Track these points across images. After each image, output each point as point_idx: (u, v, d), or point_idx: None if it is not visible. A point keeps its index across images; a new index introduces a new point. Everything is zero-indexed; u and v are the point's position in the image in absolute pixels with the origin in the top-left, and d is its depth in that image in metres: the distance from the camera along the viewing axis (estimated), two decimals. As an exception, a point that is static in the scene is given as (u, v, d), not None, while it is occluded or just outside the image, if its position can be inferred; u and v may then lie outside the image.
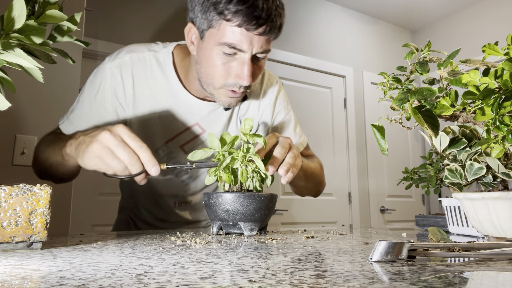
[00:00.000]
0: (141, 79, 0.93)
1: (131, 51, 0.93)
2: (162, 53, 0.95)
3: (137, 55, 0.93)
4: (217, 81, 0.85)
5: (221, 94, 0.87)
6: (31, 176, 1.03)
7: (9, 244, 0.47)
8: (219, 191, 0.72)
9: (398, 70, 0.57)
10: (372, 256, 0.39)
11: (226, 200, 0.70)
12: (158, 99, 0.94)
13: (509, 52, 0.45)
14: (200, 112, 0.96)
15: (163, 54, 0.95)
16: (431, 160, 0.77)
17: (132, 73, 0.92)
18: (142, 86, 0.93)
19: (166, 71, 0.94)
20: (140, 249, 0.49)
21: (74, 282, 0.29)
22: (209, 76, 0.85)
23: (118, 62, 0.92)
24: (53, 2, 0.51)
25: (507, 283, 0.30)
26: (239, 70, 0.82)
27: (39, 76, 0.51)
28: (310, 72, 3.13)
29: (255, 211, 0.70)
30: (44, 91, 1.62)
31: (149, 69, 0.94)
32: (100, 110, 0.92)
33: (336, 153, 3.15)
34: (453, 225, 0.79)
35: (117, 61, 0.92)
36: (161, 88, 0.94)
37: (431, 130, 0.50)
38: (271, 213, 0.75)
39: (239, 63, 0.82)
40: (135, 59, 0.93)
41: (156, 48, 0.96)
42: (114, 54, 0.94)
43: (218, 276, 0.31)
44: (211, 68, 0.84)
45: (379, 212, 3.31)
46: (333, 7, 3.36)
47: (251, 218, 0.70)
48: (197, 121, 0.97)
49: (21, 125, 1.58)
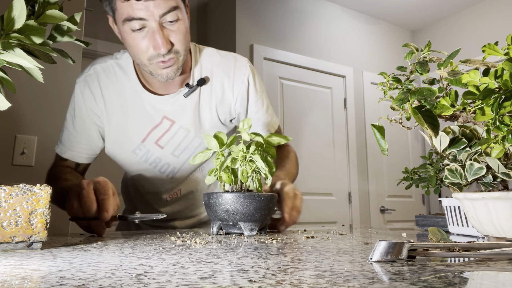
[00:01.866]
0: (108, 87, 1.00)
1: (94, 63, 1.02)
2: (123, 58, 1.02)
3: (100, 65, 1.01)
4: (143, 58, 0.88)
5: (156, 69, 0.90)
6: (31, 176, 1.04)
7: (9, 244, 0.47)
8: (218, 191, 0.72)
9: (398, 70, 0.57)
10: (372, 256, 0.39)
11: (226, 200, 0.70)
12: (126, 102, 1.00)
13: (509, 52, 0.45)
14: (164, 107, 1.00)
15: (124, 59, 1.02)
16: (431, 160, 0.77)
17: (99, 83, 1.00)
18: (110, 93, 1.00)
19: (129, 74, 1.00)
20: (140, 249, 0.49)
21: (74, 282, 0.29)
22: (136, 57, 0.90)
23: (84, 77, 1.01)
24: (53, 2, 0.51)
25: (507, 283, 0.30)
26: (152, 40, 0.85)
27: (39, 76, 0.51)
28: (310, 72, 3.13)
29: (255, 211, 0.70)
30: (44, 91, 1.62)
31: (113, 76, 1.00)
32: (83, 126, 1.01)
33: (336, 153, 3.15)
34: (453, 225, 0.79)
35: (83, 76, 1.01)
36: (127, 91, 1.00)
37: (431, 130, 0.50)
38: (271, 213, 0.75)
39: (149, 34, 0.85)
40: (98, 69, 1.00)
41: (118, 55, 1.03)
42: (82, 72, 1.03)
43: (218, 276, 0.31)
44: (133, 49, 0.88)
45: (379, 212, 3.31)
46: (333, 7, 3.36)
47: (251, 218, 0.70)
48: (164, 115, 1.01)
49: (21, 125, 1.58)
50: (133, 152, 1.02)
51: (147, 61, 0.88)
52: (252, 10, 2.92)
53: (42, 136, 1.60)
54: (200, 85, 1.01)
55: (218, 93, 1.03)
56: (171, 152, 1.03)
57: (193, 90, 1.00)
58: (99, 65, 1.01)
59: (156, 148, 1.02)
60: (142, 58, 0.88)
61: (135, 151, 1.02)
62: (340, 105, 3.27)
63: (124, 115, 1.00)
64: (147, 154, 1.02)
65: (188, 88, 0.99)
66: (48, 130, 1.61)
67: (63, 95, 1.67)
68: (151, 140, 1.01)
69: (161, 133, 1.01)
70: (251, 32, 2.88)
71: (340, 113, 3.26)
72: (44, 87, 1.60)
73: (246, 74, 1.06)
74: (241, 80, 1.04)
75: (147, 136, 1.01)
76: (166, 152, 1.03)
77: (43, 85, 1.58)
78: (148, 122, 1.00)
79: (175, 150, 1.03)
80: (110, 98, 0.99)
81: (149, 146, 1.02)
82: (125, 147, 1.02)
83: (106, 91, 0.99)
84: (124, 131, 1.01)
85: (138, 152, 1.02)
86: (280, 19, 3.06)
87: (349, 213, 3.14)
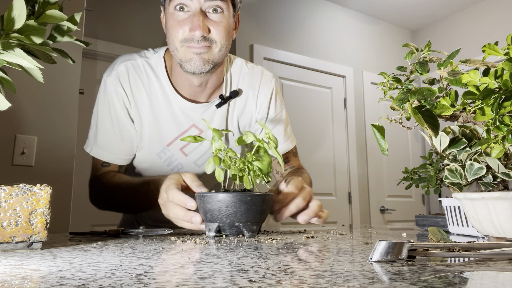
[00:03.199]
0: (138, 85, 0.97)
1: (124, 60, 0.98)
2: (153, 58, 0.99)
3: (130, 63, 0.97)
4: (176, 40, 0.88)
5: (185, 54, 0.88)
6: (31, 176, 1.03)
7: (9, 244, 0.47)
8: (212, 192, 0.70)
9: (398, 70, 0.57)
10: (372, 256, 0.39)
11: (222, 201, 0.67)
12: (155, 104, 0.97)
13: (509, 52, 0.45)
14: (194, 114, 0.98)
15: (155, 59, 0.99)
16: (431, 160, 0.77)
17: (129, 80, 0.96)
18: (140, 92, 0.97)
19: (159, 76, 0.98)
20: (140, 249, 0.49)
21: (74, 282, 0.29)
22: (171, 38, 0.89)
23: (115, 74, 0.96)
24: (53, 2, 0.51)
25: (507, 283, 0.30)
26: (189, 22, 0.86)
27: (39, 76, 0.51)
28: (310, 72, 3.13)
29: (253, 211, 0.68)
30: (44, 91, 1.62)
31: (144, 75, 0.97)
32: (120, 126, 0.97)
33: (336, 153, 3.15)
34: (453, 225, 0.79)
35: (114, 73, 0.96)
36: (157, 93, 0.97)
37: (431, 130, 0.50)
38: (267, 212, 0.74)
39: (189, 17, 0.87)
40: (129, 67, 0.97)
41: (148, 54, 1.00)
42: (110, 68, 0.98)
43: (218, 276, 0.31)
44: (170, 30, 0.89)
45: (379, 212, 3.31)
46: (333, 7, 3.36)
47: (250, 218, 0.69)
48: (194, 123, 0.99)
49: (21, 125, 1.58)
50: (157, 155, 1.00)
51: (179, 42, 0.87)
52: (252, 10, 2.92)
53: (42, 136, 1.60)
54: (233, 97, 1.01)
55: (241, 105, 1.04)
56: (194, 161, 1.01)
57: (226, 102, 1.00)
58: (129, 62, 0.97)
59: (180, 154, 1.00)
60: (175, 42, 0.88)
61: (160, 154, 1.00)
62: (340, 105, 3.27)
63: (154, 117, 0.97)
64: (171, 158, 1.00)
65: (221, 100, 0.99)
66: (48, 130, 1.61)
67: (63, 95, 1.67)
68: (177, 146, 0.99)
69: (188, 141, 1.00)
70: (251, 32, 2.88)
71: (340, 113, 3.26)
72: (44, 87, 1.60)
73: (270, 89, 1.07)
74: (265, 94, 1.06)
75: (173, 141, 0.99)
76: (189, 160, 1.01)
77: (43, 85, 1.58)
78: (176, 127, 0.98)
79: (198, 160, 1.02)
80: (141, 97, 0.97)
81: (174, 151, 1.00)
82: (152, 149, 0.99)
83: (135, 89, 0.97)
84: (154, 133, 0.98)
85: (162, 155, 1.00)
86: (280, 19, 3.06)
87: (349, 213, 3.14)
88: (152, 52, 1.00)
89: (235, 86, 1.04)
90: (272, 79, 1.09)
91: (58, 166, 1.60)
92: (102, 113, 0.97)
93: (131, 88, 0.96)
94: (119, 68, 0.96)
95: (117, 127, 0.97)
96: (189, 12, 0.86)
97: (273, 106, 1.08)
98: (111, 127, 0.97)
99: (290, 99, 2.97)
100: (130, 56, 0.98)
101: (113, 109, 0.96)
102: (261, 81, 1.06)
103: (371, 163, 3.33)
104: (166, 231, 0.72)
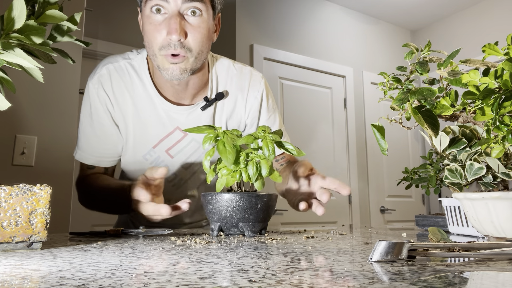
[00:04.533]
0: (121, 88, 0.96)
1: (106, 63, 0.97)
2: (136, 60, 0.98)
3: (112, 65, 0.96)
4: (155, 45, 0.85)
5: (164, 61, 0.86)
6: (31, 176, 1.03)
7: (9, 244, 0.47)
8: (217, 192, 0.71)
9: (398, 70, 0.57)
10: (372, 256, 0.39)
11: (226, 201, 0.69)
12: (139, 105, 0.96)
13: (509, 52, 0.45)
14: (179, 117, 0.98)
15: (137, 61, 0.98)
16: (431, 160, 0.77)
17: (111, 83, 0.95)
18: (123, 94, 0.96)
19: (142, 78, 0.97)
20: (140, 249, 0.49)
21: (74, 282, 0.29)
22: (149, 44, 0.87)
23: (97, 78, 0.95)
24: (53, 2, 0.51)
25: (507, 283, 0.30)
26: (167, 26, 0.83)
27: (39, 76, 0.51)
28: (310, 72, 3.13)
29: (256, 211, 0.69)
30: (44, 91, 1.62)
31: (127, 77, 0.96)
32: (103, 129, 0.97)
33: (336, 153, 3.15)
34: (453, 225, 0.79)
35: (96, 77, 0.96)
36: (140, 95, 0.96)
37: (431, 130, 0.50)
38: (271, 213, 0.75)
39: (166, 19, 0.84)
40: (111, 69, 0.96)
41: (131, 56, 0.99)
42: (93, 72, 0.98)
43: (218, 276, 0.31)
44: (147, 34, 0.87)
45: (379, 212, 3.31)
46: (333, 7, 3.36)
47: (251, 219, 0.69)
48: (177, 126, 0.98)
49: (21, 125, 1.58)
50: (143, 157, 0.99)
51: (158, 50, 0.85)
52: (252, 10, 2.92)
53: (42, 136, 1.60)
54: (218, 99, 0.99)
55: (230, 107, 1.02)
56: (180, 163, 1.01)
57: (211, 104, 0.98)
58: (111, 65, 0.96)
59: (166, 156, 1.00)
60: (154, 47, 0.86)
61: (146, 156, 0.99)
62: (340, 105, 3.27)
63: (139, 119, 0.97)
64: (157, 160, 1.00)
65: (206, 102, 0.97)
66: (48, 130, 1.61)
67: (63, 95, 1.67)
68: (162, 147, 0.99)
69: (173, 143, 0.99)
70: (251, 32, 2.88)
71: (340, 113, 3.26)
72: (44, 87, 1.60)
73: (260, 91, 1.05)
74: (254, 95, 1.04)
75: (159, 142, 0.98)
76: (175, 162, 1.01)
77: (43, 85, 1.58)
78: (161, 129, 0.98)
79: (184, 162, 1.01)
80: (124, 100, 0.96)
81: (160, 153, 0.99)
82: (137, 151, 0.99)
83: (118, 92, 0.96)
84: (140, 135, 0.97)
85: (148, 157, 0.99)
86: (280, 19, 3.06)
87: (349, 213, 3.14)
88: (135, 53, 0.99)
89: (222, 88, 1.02)
90: (262, 80, 1.07)
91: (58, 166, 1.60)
92: (84, 117, 0.98)
93: (113, 91, 0.95)
94: (101, 71, 0.95)
95: (100, 131, 0.97)
96: (166, 14, 0.84)
97: (264, 109, 1.06)
98: (92, 131, 0.97)
99: (290, 99, 2.97)
100: (113, 59, 0.98)
101: (95, 113, 0.96)
102: (250, 83, 1.04)
103: (371, 163, 3.33)
104: (166, 231, 0.72)
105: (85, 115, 0.97)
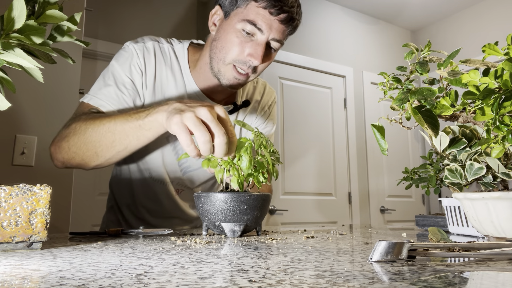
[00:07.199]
0: (162, 66, 0.99)
1: (153, 40, 1.00)
2: (178, 47, 1.03)
3: (159, 44, 1.00)
4: (229, 56, 0.90)
5: (227, 71, 0.92)
6: (31, 176, 1.02)
7: (9, 244, 0.47)
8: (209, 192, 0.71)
9: (398, 70, 0.57)
10: (372, 256, 0.39)
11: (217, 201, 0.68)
12: (173, 88, 1.00)
13: (509, 52, 0.45)
14: None
15: (179, 48, 1.03)
16: (431, 160, 0.77)
17: (155, 59, 0.98)
18: (162, 74, 0.99)
19: (182, 64, 1.01)
20: (140, 249, 0.49)
21: (74, 282, 0.29)
22: (223, 50, 0.91)
23: (142, 46, 0.98)
24: (53, 2, 0.51)
25: (507, 283, 0.30)
26: (253, 49, 0.88)
27: (39, 76, 0.51)
28: (310, 72, 3.13)
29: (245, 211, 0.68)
30: (44, 91, 1.62)
31: (169, 59, 1.01)
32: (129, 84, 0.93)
33: (336, 153, 3.15)
34: (453, 225, 0.79)
35: (140, 45, 0.98)
36: (176, 79, 1.00)
37: (431, 130, 0.50)
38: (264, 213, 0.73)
39: (254, 43, 0.89)
40: (157, 47, 1.00)
41: (173, 42, 1.04)
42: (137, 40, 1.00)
43: (218, 276, 0.31)
44: (228, 43, 0.90)
45: (379, 212, 3.31)
46: (333, 7, 3.36)
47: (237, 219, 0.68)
48: None
49: (21, 125, 1.58)
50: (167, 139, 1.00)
51: (230, 59, 0.90)
52: (252, 10, 2.91)
53: (42, 136, 1.60)
54: (245, 106, 1.07)
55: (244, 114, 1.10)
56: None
57: (238, 109, 1.06)
58: (158, 43, 1.00)
59: None
60: (228, 54, 0.90)
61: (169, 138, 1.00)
62: (340, 105, 3.27)
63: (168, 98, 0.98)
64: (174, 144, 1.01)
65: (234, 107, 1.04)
66: (48, 130, 1.61)
67: (63, 95, 1.67)
68: None
69: None
70: (251, 32, 2.88)
71: (340, 113, 3.26)
72: (44, 87, 1.60)
73: (269, 103, 1.15)
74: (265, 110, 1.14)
75: None
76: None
77: (43, 85, 1.58)
78: None
79: None
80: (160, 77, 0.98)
81: None
82: None
83: (159, 69, 0.98)
84: None
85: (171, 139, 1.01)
86: (280, 19, 3.05)
87: (349, 213, 3.14)
88: (177, 41, 1.04)
89: (245, 96, 1.11)
90: (273, 94, 1.17)
91: (58, 166, 1.60)
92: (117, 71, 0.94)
93: (155, 66, 0.97)
94: (147, 43, 0.98)
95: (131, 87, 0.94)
96: (253, 38, 0.89)
97: (270, 123, 1.15)
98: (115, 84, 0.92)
99: (290, 99, 2.97)
100: (158, 39, 1.02)
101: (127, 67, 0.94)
102: (263, 96, 1.14)
103: (371, 163, 3.33)
104: (166, 231, 0.72)
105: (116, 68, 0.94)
